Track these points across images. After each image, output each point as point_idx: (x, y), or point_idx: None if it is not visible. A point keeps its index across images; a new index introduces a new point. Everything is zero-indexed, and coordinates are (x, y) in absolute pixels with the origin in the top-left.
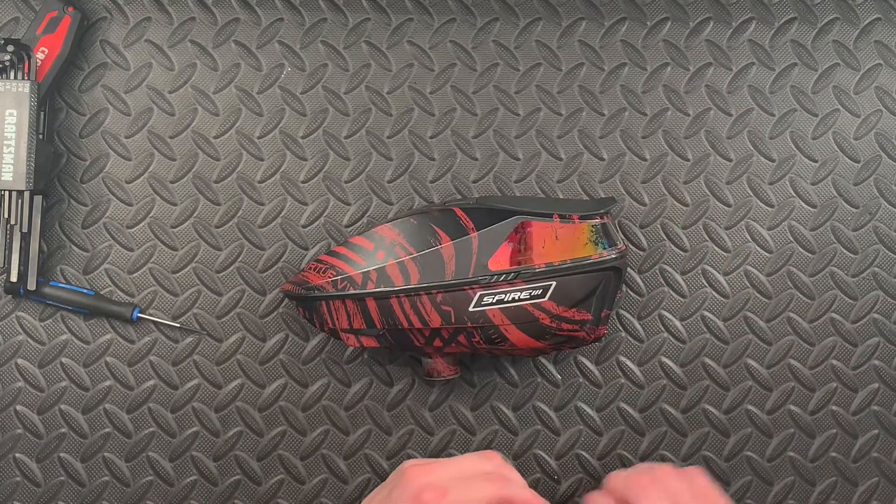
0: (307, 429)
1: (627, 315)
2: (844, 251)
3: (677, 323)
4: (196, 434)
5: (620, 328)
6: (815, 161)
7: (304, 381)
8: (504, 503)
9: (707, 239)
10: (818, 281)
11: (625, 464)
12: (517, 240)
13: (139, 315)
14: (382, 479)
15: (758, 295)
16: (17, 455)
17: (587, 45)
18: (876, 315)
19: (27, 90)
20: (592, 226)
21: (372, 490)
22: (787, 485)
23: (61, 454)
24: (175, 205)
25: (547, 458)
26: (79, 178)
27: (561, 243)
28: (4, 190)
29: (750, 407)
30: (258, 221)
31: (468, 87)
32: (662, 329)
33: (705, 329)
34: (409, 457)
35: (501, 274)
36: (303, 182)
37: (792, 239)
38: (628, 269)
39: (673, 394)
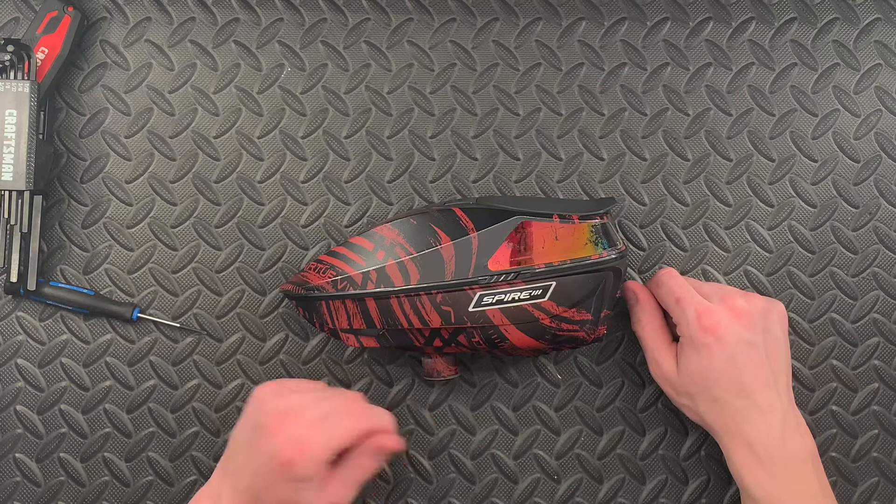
0: None
1: (627, 315)
2: (844, 251)
3: None
4: (196, 434)
5: (620, 328)
6: (815, 161)
7: None
8: (366, 435)
9: (707, 239)
10: (818, 281)
11: (624, 464)
12: (517, 240)
13: (139, 315)
14: (382, 480)
15: None
16: (17, 455)
17: (587, 45)
18: (876, 315)
19: (27, 90)
20: (592, 226)
21: (372, 489)
22: None
23: (61, 454)
24: (175, 205)
25: (547, 458)
26: (79, 178)
27: (561, 243)
28: (4, 190)
29: None
30: (258, 221)
31: (468, 87)
32: None
33: None
34: (411, 458)
35: (501, 274)
36: (303, 182)
37: (792, 239)
38: (628, 269)
39: None
